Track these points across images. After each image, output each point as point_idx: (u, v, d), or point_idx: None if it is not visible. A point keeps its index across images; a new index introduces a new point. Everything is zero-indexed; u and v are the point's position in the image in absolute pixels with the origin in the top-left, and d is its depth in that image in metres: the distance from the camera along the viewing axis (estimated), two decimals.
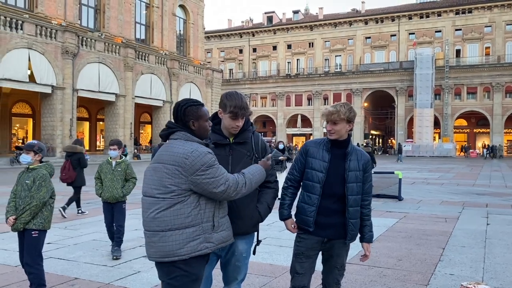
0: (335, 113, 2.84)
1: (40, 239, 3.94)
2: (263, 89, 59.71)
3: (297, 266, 2.94)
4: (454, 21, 51.68)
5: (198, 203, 2.35)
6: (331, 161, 2.87)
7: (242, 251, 2.83)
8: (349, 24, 56.70)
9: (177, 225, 2.30)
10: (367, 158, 2.97)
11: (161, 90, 38.39)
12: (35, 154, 3.98)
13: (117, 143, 5.87)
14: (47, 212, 3.94)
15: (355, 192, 2.85)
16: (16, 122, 34.77)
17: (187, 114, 2.44)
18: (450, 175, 21.20)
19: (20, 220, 3.84)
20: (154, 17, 39.21)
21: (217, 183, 2.31)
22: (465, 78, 49.98)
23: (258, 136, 2.90)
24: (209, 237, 2.38)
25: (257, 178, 2.53)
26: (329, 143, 2.92)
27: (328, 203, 2.85)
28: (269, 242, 6.37)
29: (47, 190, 3.89)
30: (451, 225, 7.88)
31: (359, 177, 2.88)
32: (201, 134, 2.48)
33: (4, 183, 15.64)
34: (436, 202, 11.24)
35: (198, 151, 2.31)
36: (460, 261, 5.49)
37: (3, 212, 9.22)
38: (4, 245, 6.17)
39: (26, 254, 3.89)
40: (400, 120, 52.69)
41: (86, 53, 30.89)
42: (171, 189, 2.30)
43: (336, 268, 2.99)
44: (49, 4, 29.87)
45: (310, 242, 2.90)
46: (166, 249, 2.30)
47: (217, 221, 2.43)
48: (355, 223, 2.88)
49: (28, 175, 3.94)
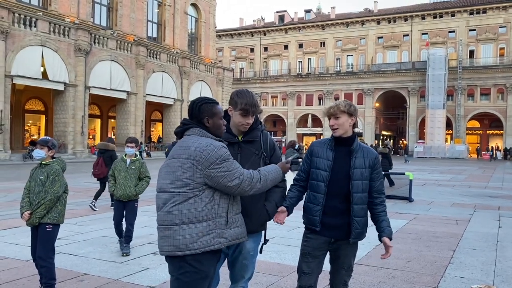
0: (334, 106, 2.85)
1: (54, 233, 4.03)
2: (274, 88, 59.64)
3: (304, 266, 2.93)
4: (468, 21, 51.08)
5: (212, 197, 2.37)
6: (335, 159, 2.85)
7: (250, 250, 2.83)
8: (361, 24, 56.37)
9: (191, 219, 2.32)
10: (374, 155, 2.92)
11: (172, 88, 38.56)
12: (48, 149, 4.07)
13: (135, 141, 5.86)
14: (61, 206, 4.04)
15: (361, 190, 2.82)
16: (29, 118, 35.19)
17: (202, 111, 2.48)
18: (462, 177, 20.98)
19: (35, 214, 3.92)
20: (166, 15, 39.37)
21: (231, 177, 2.34)
22: (478, 79, 49.39)
23: (266, 134, 2.90)
24: (222, 232, 2.39)
25: (273, 176, 2.54)
26: (333, 142, 2.90)
27: (334, 202, 2.84)
28: (278, 242, 6.36)
29: (61, 184, 3.99)
30: (462, 228, 7.80)
31: (365, 175, 2.84)
32: (216, 131, 2.50)
33: (17, 179, 15.85)
34: (447, 204, 11.13)
35: (213, 145, 2.34)
36: (471, 263, 5.42)
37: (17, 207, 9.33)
38: (15, 240, 6.25)
39: (39, 247, 3.95)
40: (412, 121, 52.26)
41: (98, 50, 31.15)
42: (186, 183, 2.33)
43: (343, 269, 2.96)
44: (63, 2, 30.17)
45: (317, 242, 2.89)
46: (179, 242, 2.32)
47: (231, 217, 2.44)
48: (360, 221, 2.84)
49: (42, 170, 4.03)
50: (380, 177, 2.92)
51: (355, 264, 5.24)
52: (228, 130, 2.77)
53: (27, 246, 5.88)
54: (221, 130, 2.54)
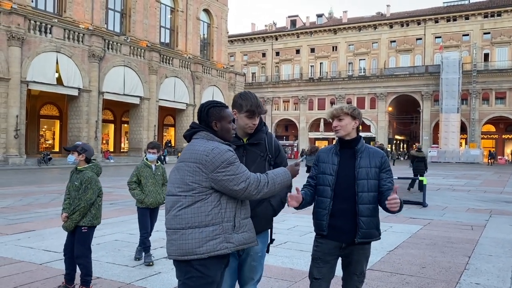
0: (338, 108, 2.89)
1: (89, 234, 4.31)
2: (286, 93, 59.61)
3: (315, 271, 2.91)
4: (483, 25, 50.53)
5: (219, 202, 2.35)
6: (340, 163, 2.86)
7: (258, 251, 2.82)
8: (374, 28, 56.14)
9: (197, 223, 2.31)
10: (381, 154, 2.90)
11: (184, 93, 38.81)
12: (78, 154, 4.27)
13: (157, 147, 5.67)
14: (94, 211, 4.29)
15: (366, 189, 2.80)
16: (44, 123, 35.69)
17: (210, 114, 2.47)
18: (477, 182, 20.67)
19: (71, 219, 4.20)
20: (178, 21, 39.71)
21: (237, 180, 2.31)
22: (493, 82, 48.77)
23: (271, 136, 2.92)
24: (229, 237, 2.36)
25: (281, 180, 2.49)
26: (338, 146, 2.93)
27: (342, 206, 2.82)
28: (290, 247, 6.32)
29: (93, 191, 4.22)
30: (477, 233, 7.67)
31: (372, 174, 2.82)
32: (224, 135, 2.48)
33: (32, 183, 16.05)
34: (462, 209, 10.96)
35: (219, 149, 2.32)
36: (487, 270, 5.32)
37: (31, 211, 9.43)
38: (30, 244, 6.31)
39: (77, 247, 4.23)
40: (425, 125, 51.76)
41: (112, 56, 31.51)
42: (192, 187, 2.32)
43: (355, 274, 2.92)
44: (77, 9, 30.63)
45: (327, 247, 2.87)
46: (185, 247, 2.31)
47: (238, 221, 2.41)
48: (365, 221, 2.79)
49: (77, 176, 4.28)
50: (390, 176, 2.89)
51: (368, 269, 5.20)
52: None
53: (41, 249, 5.96)
54: (230, 134, 2.51)
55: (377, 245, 6.48)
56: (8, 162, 24.82)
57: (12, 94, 25.24)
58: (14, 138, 25.57)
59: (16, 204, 10.56)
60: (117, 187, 15.19)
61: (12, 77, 25.17)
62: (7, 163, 24.74)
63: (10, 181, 15.15)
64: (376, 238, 2.89)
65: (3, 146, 25.36)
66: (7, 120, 25.25)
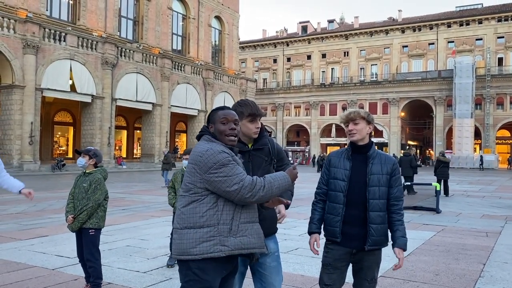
0: (354, 112, 2.88)
1: (96, 236, 4.38)
2: (297, 99, 59.55)
3: (325, 278, 2.89)
4: (496, 29, 50.00)
5: (215, 203, 2.34)
6: (352, 168, 2.84)
7: (274, 250, 2.86)
8: (386, 33, 55.89)
9: (192, 224, 2.33)
10: (393, 161, 2.89)
11: (196, 99, 39.02)
12: (89, 158, 4.38)
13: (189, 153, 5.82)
14: (101, 213, 4.38)
15: (377, 196, 2.78)
16: (58, 130, 36.14)
17: (209, 119, 2.58)
18: (492, 187, 20.35)
19: (78, 219, 4.27)
20: (190, 28, 40.02)
21: (230, 182, 2.27)
22: (508, 87, 48.13)
23: (273, 140, 3.01)
24: (224, 240, 2.32)
25: (279, 183, 2.39)
26: (350, 151, 2.90)
27: (354, 212, 2.80)
28: (301, 253, 6.28)
29: (102, 192, 4.33)
30: (492, 240, 7.53)
31: (383, 181, 2.80)
32: (219, 137, 2.46)
33: (46, 189, 16.23)
34: (476, 215, 10.79)
35: (213, 150, 2.33)
36: (503, 277, 5.22)
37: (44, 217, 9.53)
38: (43, 249, 6.37)
39: (86, 251, 4.32)
40: (439, 130, 51.22)
41: (124, 63, 31.85)
42: (189, 187, 2.37)
43: (366, 280, 2.88)
44: (91, 17, 31.07)
45: (338, 253, 2.85)
46: (181, 246, 2.34)
47: (236, 225, 2.35)
48: (376, 228, 2.77)
49: (85, 179, 4.36)
50: (398, 184, 2.87)
51: (381, 276, 5.14)
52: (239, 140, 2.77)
53: (54, 255, 6.01)
54: (223, 136, 2.44)
55: (389, 252, 6.38)
56: (23, 168, 25.16)
57: (27, 101, 25.63)
58: (29, 144, 25.93)
59: (29, 209, 10.69)
60: (129, 193, 15.28)
61: (27, 84, 25.56)
62: (22, 169, 25.07)
63: None
64: (384, 245, 2.88)
65: (18, 152, 25.72)
66: (22, 127, 25.63)
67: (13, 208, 10.75)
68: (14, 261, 5.63)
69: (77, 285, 4.66)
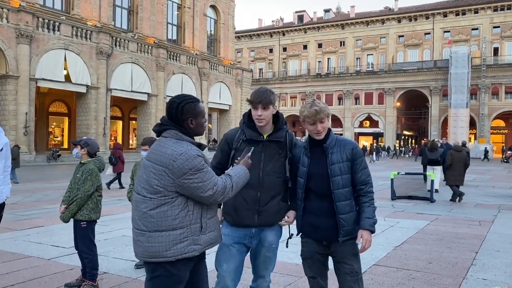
0: (321, 111, 2.72)
1: (88, 228, 4.32)
2: (293, 89, 59.48)
3: (307, 270, 2.93)
4: (492, 18, 49.95)
5: (186, 204, 2.28)
6: (313, 162, 2.78)
7: (272, 242, 2.90)
8: (382, 23, 55.74)
9: (164, 227, 2.25)
10: (353, 146, 2.80)
11: (191, 89, 38.83)
12: (81, 148, 4.34)
13: (149, 143, 5.74)
14: (92, 204, 4.29)
15: (341, 186, 2.71)
16: (53, 120, 35.96)
17: (185, 112, 2.36)
18: (486, 177, 20.51)
19: (68, 209, 4.22)
20: (185, 17, 39.70)
21: (204, 188, 2.25)
22: (503, 77, 48.25)
23: (292, 135, 2.95)
24: (197, 239, 2.31)
25: (243, 181, 2.47)
26: (307, 147, 2.83)
27: (319, 204, 2.77)
28: (296, 242, 6.32)
29: (92, 183, 4.25)
30: (485, 229, 7.62)
31: (344, 169, 2.74)
32: (198, 131, 2.43)
33: (41, 180, 16.21)
34: (470, 204, 10.89)
35: (187, 154, 2.22)
36: (494, 265, 5.29)
37: (40, 207, 9.53)
38: (38, 239, 6.39)
39: (80, 243, 4.32)
40: (434, 120, 51.39)
41: (119, 53, 31.61)
42: (158, 190, 2.25)
43: (347, 274, 2.78)
44: (85, 6, 30.74)
45: (311, 245, 2.86)
46: (152, 250, 2.26)
47: (205, 222, 2.36)
48: (345, 218, 2.71)
49: (80, 169, 4.34)
50: (362, 168, 2.78)
51: (374, 265, 5.20)
52: (254, 128, 2.79)
53: (49, 245, 6.03)
54: (203, 129, 2.45)
55: (383, 241, 6.47)
56: None
57: (21, 92, 25.44)
58: (24, 135, 25.80)
59: (25, 200, 10.69)
60: (125, 184, 15.27)
61: (21, 74, 25.34)
62: None
63: (20, 178, 15.32)
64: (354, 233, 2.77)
65: (13, 143, 25.61)
66: (16, 118, 25.47)
67: (9, 199, 10.73)
68: (9, 251, 5.65)
69: (73, 274, 4.69)
